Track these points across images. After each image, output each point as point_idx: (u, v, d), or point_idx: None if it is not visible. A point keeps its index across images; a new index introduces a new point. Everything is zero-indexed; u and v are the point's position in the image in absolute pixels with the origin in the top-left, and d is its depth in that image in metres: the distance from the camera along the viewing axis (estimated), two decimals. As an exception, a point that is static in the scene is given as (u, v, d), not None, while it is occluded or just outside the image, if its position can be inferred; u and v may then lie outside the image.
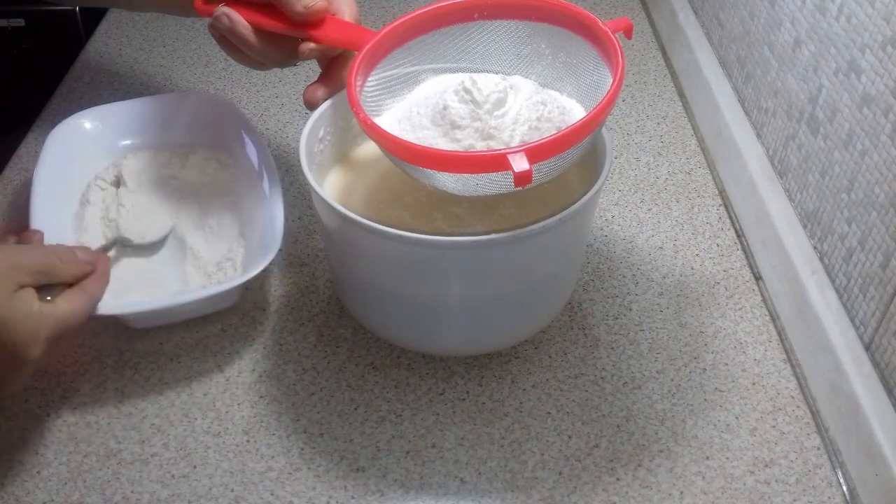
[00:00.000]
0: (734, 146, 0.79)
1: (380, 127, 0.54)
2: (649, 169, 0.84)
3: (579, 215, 0.56)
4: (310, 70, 0.97)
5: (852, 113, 0.60)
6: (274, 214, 0.66)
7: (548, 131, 0.55)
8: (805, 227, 0.68)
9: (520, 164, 0.48)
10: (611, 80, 0.54)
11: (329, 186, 0.65)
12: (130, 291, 0.66)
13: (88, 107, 0.76)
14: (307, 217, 0.78)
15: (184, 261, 0.68)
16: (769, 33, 0.75)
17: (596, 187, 0.56)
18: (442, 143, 0.55)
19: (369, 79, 0.59)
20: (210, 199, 0.72)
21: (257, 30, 0.59)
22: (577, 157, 0.55)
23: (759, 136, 0.78)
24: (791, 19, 0.71)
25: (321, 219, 0.61)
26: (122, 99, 0.78)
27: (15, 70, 1.20)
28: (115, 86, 0.94)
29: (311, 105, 0.61)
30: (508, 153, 0.48)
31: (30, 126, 0.84)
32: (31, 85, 0.98)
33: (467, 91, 0.55)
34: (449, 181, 0.53)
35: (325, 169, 0.66)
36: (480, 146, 0.54)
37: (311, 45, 0.59)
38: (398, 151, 0.53)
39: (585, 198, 0.55)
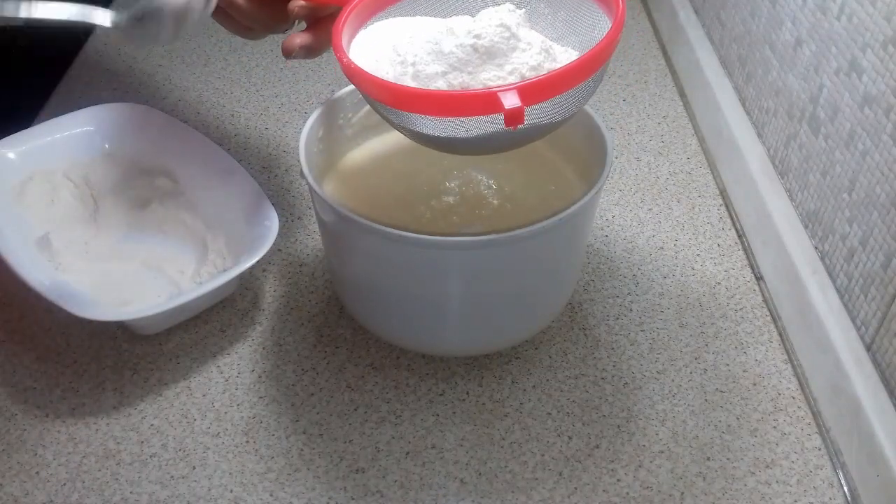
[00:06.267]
0: (735, 146, 0.79)
1: (361, 68, 0.51)
2: (650, 169, 0.84)
3: (580, 215, 0.56)
4: (309, 69, 0.97)
5: (853, 112, 0.60)
6: (249, 191, 0.68)
7: None
8: (806, 227, 0.68)
9: (511, 100, 0.45)
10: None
11: (328, 186, 0.65)
12: (128, 304, 0.66)
13: (86, 106, 0.75)
14: (307, 217, 0.78)
15: (161, 268, 0.68)
16: (770, 33, 0.75)
17: (596, 187, 0.56)
18: (440, 79, 0.52)
19: (358, 34, 0.57)
20: (162, 204, 0.73)
21: None
22: (572, 109, 0.52)
23: (760, 135, 0.78)
24: (792, 19, 0.71)
25: (321, 218, 0.61)
26: (121, 99, 0.77)
27: (13, 69, 1.20)
28: (113, 85, 0.94)
29: (287, 51, 0.58)
30: (499, 91, 0.46)
31: (28, 126, 0.84)
32: (30, 84, 0.98)
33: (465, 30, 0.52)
34: (436, 126, 0.50)
35: (325, 168, 0.65)
36: (479, 78, 0.51)
37: (301, 2, 0.57)
38: (380, 94, 0.50)
39: (586, 198, 0.55)
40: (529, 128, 0.50)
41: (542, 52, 0.52)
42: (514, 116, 0.45)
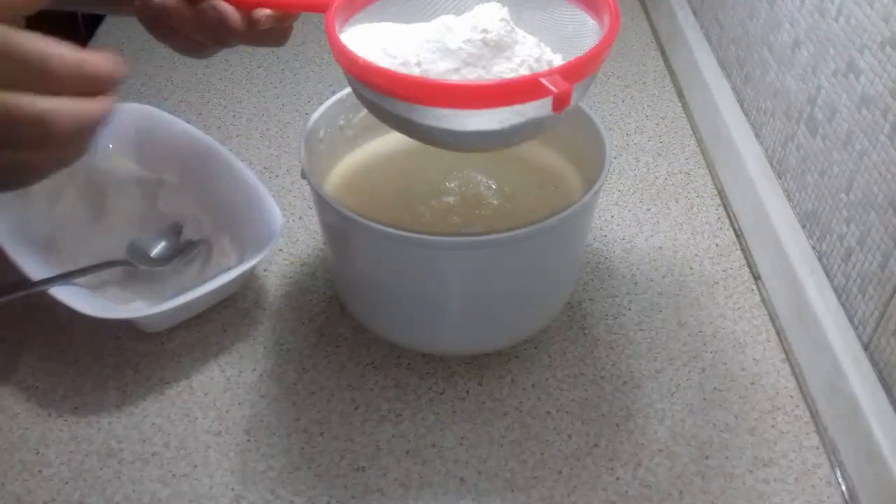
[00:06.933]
0: (733, 146, 0.79)
1: (390, 70, 0.49)
2: (648, 169, 0.84)
3: (579, 215, 0.57)
4: (309, 70, 0.97)
5: (851, 113, 0.61)
6: (252, 190, 0.68)
7: None
8: (804, 227, 0.68)
9: (558, 83, 0.45)
10: (592, 23, 0.53)
11: (329, 186, 0.65)
12: (133, 303, 0.66)
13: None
14: (307, 217, 0.78)
15: (165, 267, 0.69)
16: (768, 34, 0.76)
17: (595, 187, 0.56)
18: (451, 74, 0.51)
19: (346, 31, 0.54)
20: (165, 204, 0.73)
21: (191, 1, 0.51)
22: (581, 98, 0.53)
23: (757, 136, 0.78)
24: (790, 20, 0.71)
25: (322, 219, 0.61)
26: (123, 100, 0.77)
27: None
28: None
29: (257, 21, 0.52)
30: (540, 76, 0.46)
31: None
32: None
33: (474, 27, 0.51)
34: (467, 122, 0.49)
35: (326, 169, 0.66)
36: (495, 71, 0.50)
37: (267, 11, 0.51)
38: (417, 93, 0.48)
39: (585, 198, 0.56)
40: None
41: (537, 44, 0.52)
42: (562, 98, 0.45)
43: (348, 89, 0.65)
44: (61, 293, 0.60)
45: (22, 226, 0.67)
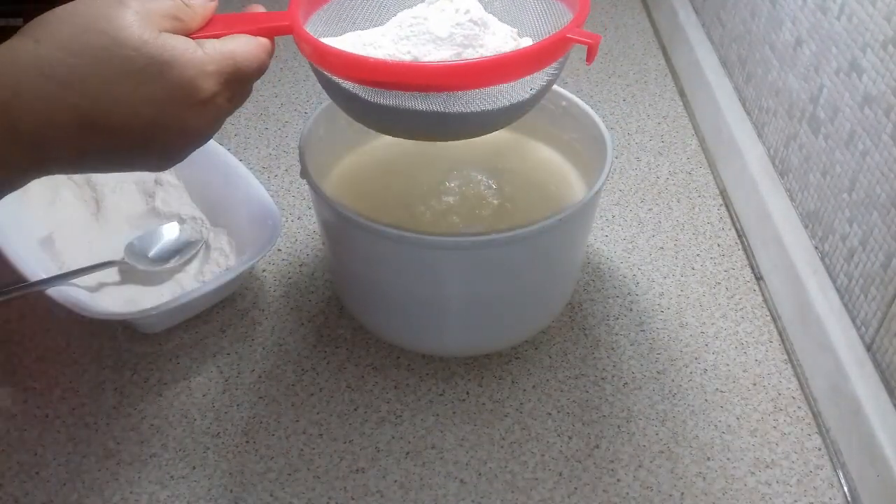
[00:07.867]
0: (735, 146, 0.79)
1: (424, 64, 0.48)
2: (650, 169, 0.84)
3: (580, 215, 0.56)
4: (309, 70, 0.97)
5: (853, 112, 0.60)
6: (251, 190, 0.68)
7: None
8: (806, 226, 0.68)
9: (588, 35, 0.46)
10: None
11: (329, 186, 0.65)
12: (132, 303, 0.66)
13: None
14: (307, 217, 0.78)
15: (164, 267, 0.68)
16: (770, 33, 0.75)
17: (596, 187, 0.56)
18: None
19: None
20: (164, 203, 0.73)
21: None
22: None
23: (760, 135, 0.78)
24: (792, 19, 0.71)
25: (321, 219, 0.61)
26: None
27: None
28: (114, 85, 0.94)
29: None
30: (567, 33, 0.47)
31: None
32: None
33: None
34: (506, 95, 0.49)
35: (325, 169, 0.65)
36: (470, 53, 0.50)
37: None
38: (451, 77, 0.46)
39: (586, 198, 0.55)
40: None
41: (498, 19, 0.53)
42: (595, 48, 0.47)
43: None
44: (59, 293, 0.60)
45: (20, 226, 0.67)
